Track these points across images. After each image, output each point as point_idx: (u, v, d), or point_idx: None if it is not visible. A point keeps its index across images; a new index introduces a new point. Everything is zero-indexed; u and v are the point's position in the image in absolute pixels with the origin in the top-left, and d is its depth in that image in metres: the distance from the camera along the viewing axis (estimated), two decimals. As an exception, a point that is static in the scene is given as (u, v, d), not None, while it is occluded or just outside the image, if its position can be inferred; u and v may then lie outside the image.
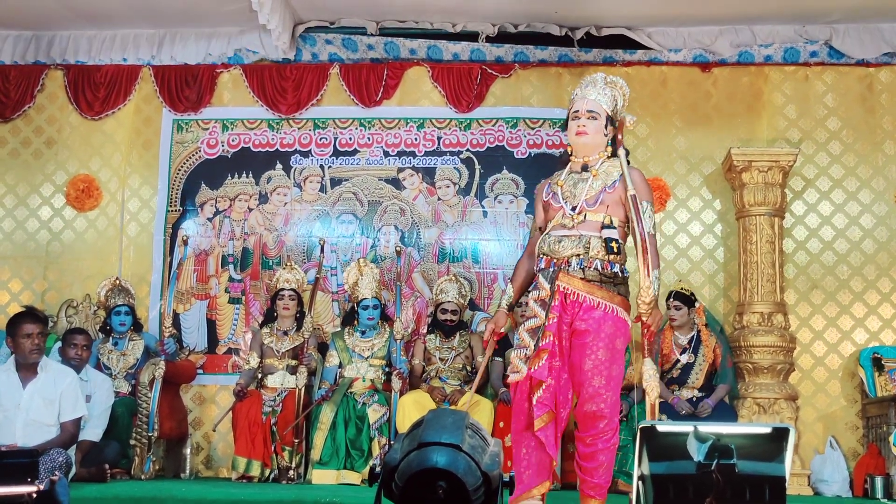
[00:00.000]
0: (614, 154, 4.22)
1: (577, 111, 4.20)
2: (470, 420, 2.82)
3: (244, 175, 7.37)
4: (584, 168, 4.21)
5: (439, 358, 6.53)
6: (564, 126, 4.37)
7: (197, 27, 7.48)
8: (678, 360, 6.34)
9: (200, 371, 7.05)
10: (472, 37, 7.40)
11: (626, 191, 4.05)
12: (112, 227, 7.40)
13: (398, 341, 6.47)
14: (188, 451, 6.77)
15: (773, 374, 6.47)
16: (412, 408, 6.06)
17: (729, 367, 6.41)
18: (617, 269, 4.09)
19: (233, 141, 7.41)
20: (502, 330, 4.39)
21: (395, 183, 7.30)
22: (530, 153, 7.25)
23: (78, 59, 7.62)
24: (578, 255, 4.06)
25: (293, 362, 6.50)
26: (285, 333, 6.59)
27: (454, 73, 7.32)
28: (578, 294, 4.06)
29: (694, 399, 6.25)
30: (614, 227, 4.11)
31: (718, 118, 7.26)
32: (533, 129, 7.28)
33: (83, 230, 7.43)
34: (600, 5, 6.97)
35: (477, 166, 7.24)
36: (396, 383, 6.28)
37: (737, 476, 2.63)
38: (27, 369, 5.23)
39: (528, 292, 4.27)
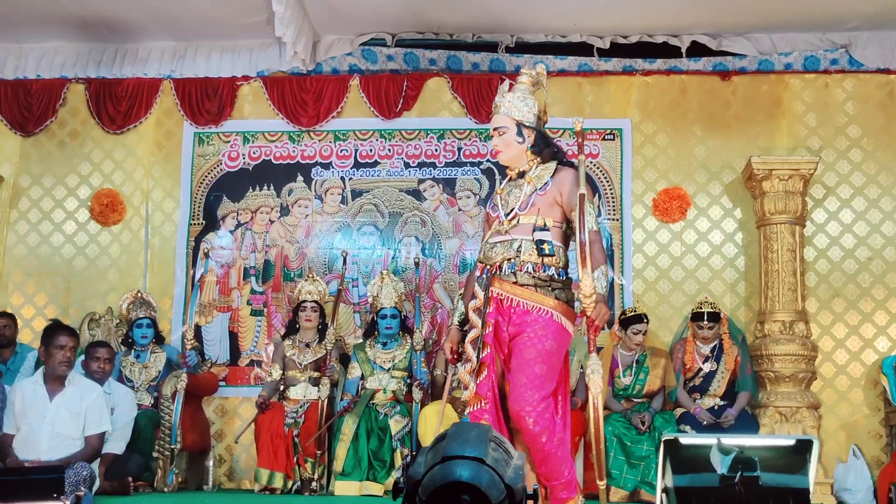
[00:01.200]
0: (553, 156, 4.20)
1: (491, 132, 4.25)
2: (493, 433, 2.83)
3: (265, 187, 7.41)
4: (521, 175, 4.19)
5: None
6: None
7: (217, 40, 7.54)
8: (700, 369, 6.34)
9: (223, 383, 7.08)
10: (491, 47, 7.43)
11: (562, 193, 4.02)
12: (136, 240, 7.45)
13: (419, 352, 6.49)
14: (211, 463, 6.79)
15: (795, 382, 6.43)
16: (434, 418, 6.05)
17: (749, 374, 6.41)
18: (552, 271, 4.02)
19: (254, 153, 7.45)
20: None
21: (416, 194, 7.32)
22: (575, 174, 7.26)
23: (99, 73, 7.69)
24: (510, 258, 4.01)
25: (315, 374, 6.53)
26: (307, 345, 6.61)
27: (474, 84, 7.34)
28: (512, 299, 3.99)
29: (716, 408, 6.25)
30: (547, 229, 4.05)
31: (738, 126, 7.24)
32: (553, 138, 7.25)
33: (107, 244, 7.49)
34: (620, 15, 6.97)
35: (497, 176, 7.24)
36: (418, 394, 6.30)
37: (760, 488, 2.63)
38: (54, 382, 5.30)
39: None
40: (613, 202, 7.19)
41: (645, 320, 6.33)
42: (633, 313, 6.39)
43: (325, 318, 6.69)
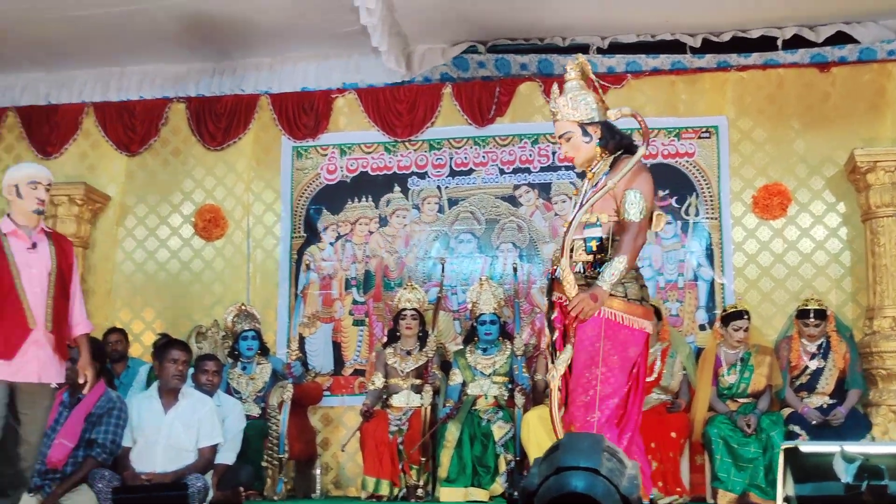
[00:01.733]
0: (618, 147, 4.07)
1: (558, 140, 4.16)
2: (607, 443, 2.82)
3: (364, 199, 7.50)
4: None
5: (561, 374, 6.49)
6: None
7: (313, 54, 7.65)
8: (807, 367, 6.18)
9: (327, 392, 7.19)
10: (583, 49, 7.38)
11: (616, 186, 3.89)
12: (238, 254, 7.64)
13: (519, 357, 6.48)
14: (318, 471, 6.91)
15: (908, 380, 6.22)
16: (537, 424, 6.04)
17: (859, 371, 6.22)
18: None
19: (351, 165, 7.56)
20: None
21: (512, 200, 7.31)
22: (646, 164, 7.16)
23: (198, 91, 7.91)
24: (570, 260, 3.91)
25: (418, 381, 6.57)
26: (409, 353, 6.66)
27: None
28: (567, 301, 3.87)
29: (824, 406, 6.08)
30: (598, 226, 3.95)
31: (839, 119, 7.02)
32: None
33: (211, 259, 7.69)
34: (713, 11, 6.85)
35: (594, 180, 7.19)
36: (520, 400, 6.29)
37: (889, 498, 2.55)
38: (169, 396, 5.47)
39: None
40: (711, 201, 7.06)
41: (745, 316, 6.20)
42: (733, 310, 6.29)
43: (425, 325, 6.73)
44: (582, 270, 3.92)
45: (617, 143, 4.07)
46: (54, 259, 4.57)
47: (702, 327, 6.94)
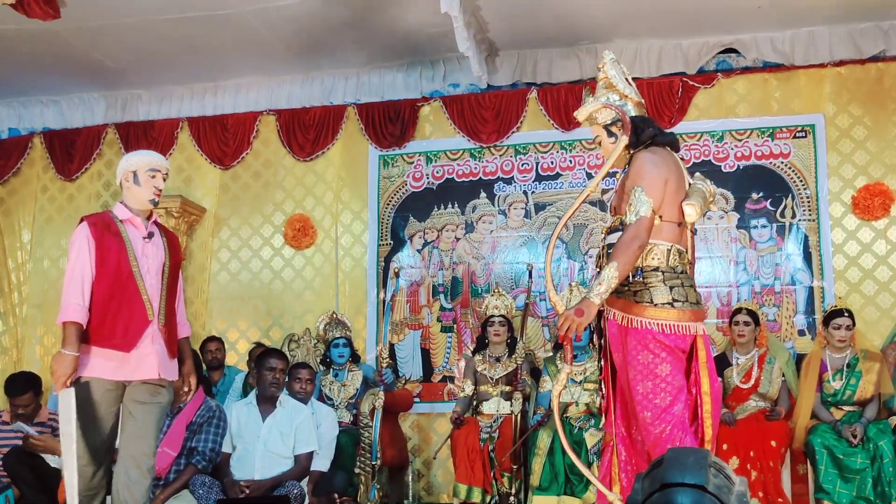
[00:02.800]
0: (638, 142, 3.87)
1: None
2: (713, 458, 2.73)
3: (450, 205, 7.52)
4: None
5: (653, 380, 6.38)
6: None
7: (398, 63, 7.70)
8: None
9: (417, 399, 7.21)
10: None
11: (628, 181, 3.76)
12: (328, 263, 7.73)
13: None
14: (410, 478, 6.93)
15: None
16: (629, 432, 5.95)
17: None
18: (636, 273, 3.73)
19: (437, 172, 7.58)
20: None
21: (600, 204, 7.23)
22: (739, 166, 7.01)
23: (289, 104, 8.03)
24: (598, 269, 3.83)
25: (507, 388, 6.53)
26: (497, 360, 6.63)
27: (654, 88, 7.17)
28: (605, 310, 3.82)
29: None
30: (620, 230, 3.78)
31: (945, 113, 6.76)
32: (740, 140, 7.03)
33: (301, 267, 7.81)
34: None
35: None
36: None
37: None
38: (266, 403, 5.55)
39: None
40: (808, 202, 6.85)
41: (846, 314, 5.98)
42: (833, 309, 6.09)
43: (513, 332, 6.69)
44: None
45: (635, 140, 3.87)
46: (167, 252, 4.42)
47: (801, 332, 6.74)
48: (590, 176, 7.27)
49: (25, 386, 5.97)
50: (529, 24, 7.01)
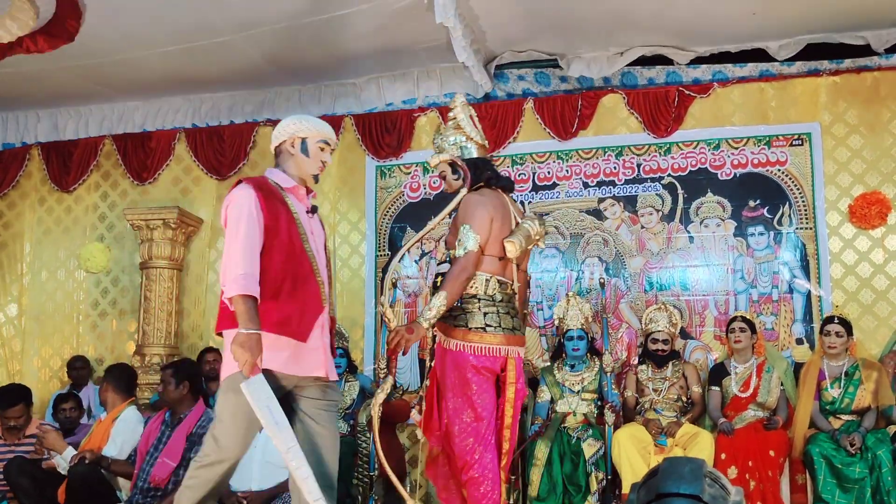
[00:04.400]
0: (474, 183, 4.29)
1: None
2: (708, 468, 2.72)
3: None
4: None
5: (653, 389, 6.37)
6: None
7: (394, 74, 7.71)
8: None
9: (415, 410, 7.19)
10: (667, 60, 7.26)
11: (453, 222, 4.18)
12: (325, 274, 7.72)
13: (609, 374, 6.38)
14: (407, 489, 6.90)
15: None
16: (628, 441, 5.94)
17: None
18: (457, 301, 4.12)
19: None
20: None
21: (597, 213, 7.23)
22: (735, 174, 7.01)
23: (285, 114, 8.03)
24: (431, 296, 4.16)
25: (505, 399, 6.52)
26: (493, 371, 6.61)
27: (650, 98, 7.19)
28: (436, 334, 4.24)
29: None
30: (447, 262, 4.21)
31: (942, 122, 6.77)
32: (736, 148, 7.03)
33: (297, 277, 7.79)
34: (803, 15, 6.65)
35: (680, 191, 7.06)
36: (610, 417, 6.18)
37: None
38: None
39: None
40: (805, 210, 6.85)
41: (836, 321, 6.00)
42: (826, 316, 6.12)
43: (511, 342, 6.68)
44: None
45: (475, 177, 4.28)
46: (325, 232, 4.04)
47: (799, 341, 6.72)
48: (586, 185, 7.28)
49: (16, 398, 5.98)
50: (525, 34, 7.02)
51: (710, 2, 6.47)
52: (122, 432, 5.75)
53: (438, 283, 4.16)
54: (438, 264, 4.32)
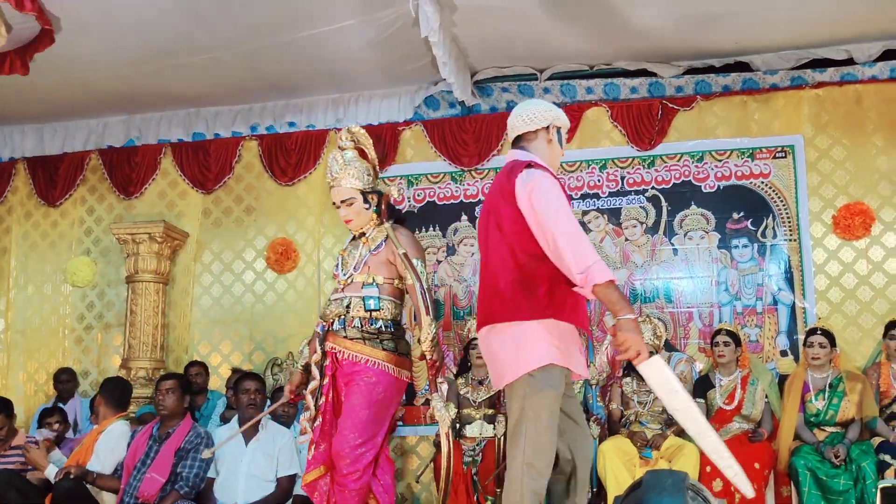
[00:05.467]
0: (390, 215, 4.51)
1: (335, 203, 4.48)
2: (690, 481, 2.74)
3: (431, 228, 7.53)
4: (362, 235, 4.52)
5: (638, 401, 6.37)
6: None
7: (379, 88, 7.73)
8: (900, 395, 5.95)
9: (400, 423, 7.19)
10: (650, 73, 7.30)
11: (394, 254, 4.35)
12: (310, 287, 7.72)
13: (593, 386, 6.39)
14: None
15: None
16: (613, 454, 5.94)
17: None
18: (380, 324, 4.35)
19: (418, 196, 7.60)
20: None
21: (581, 226, 7.23)
22: (719, 186, 7.04)
23: (270, 128, 8.05)
24: (340, 315, 4.37)
25: (490, 411, 6.51)
26: (480, 383, 6.61)
27: (634, 111, 7.23)
28: (344, 352, 4.33)
29: (919, 435, 5.82)
30: (375, 286, 4.37)
31: (924, 133, 6.82)
32: (720, 160, 7.07)
33: (283, 291, 7.80)
34: (782, 30, 6.70)
35: (664, 204, 7.10)
36: (595, 429, 6.18)
37: None
38: (249, 428, 5.53)
39: None
40: (789, 222, 6.89)
41: (819, 332, 6.03)
42: (809, 328, 6.17)
43: (497, 355, 6.68)
44: (360, 325, 4.34)
45: (388, 213, 4.51)
46: None
47: (783, 353, 6.75)
48: (570, 198, 7.29)
49: None
50: (509, 50, 7.05)
51: (693, 29, 6.54)
52: (106, 446, 5.72)
53: (351, 304, 4.36)
54: (367, 286, 4.44)
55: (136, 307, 7.65)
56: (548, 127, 3.84)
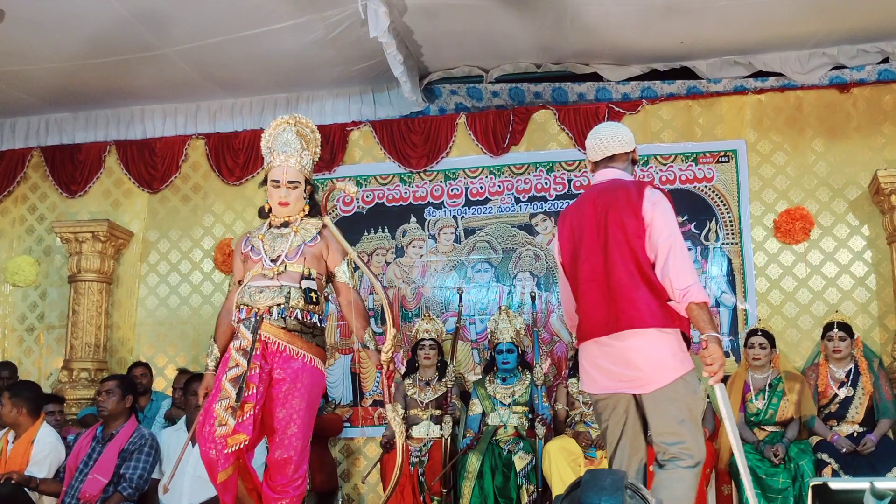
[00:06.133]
0: (318, 211, 4.49)
1: (277, 181, 4.36)
2: (629, 479, 2.78)
3: (380, 230, 7.53)
4: (285, 224, 4.44)
5: (583, 402, 6.43)
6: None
7: (328, 88, 7.71)
8: (836, 395, 6.07)
9: (347, 424, 7.17)
10: (597, 76, 7.38)
11: (328, 249, 4.40)
12: (258, 287, 7.66)
13: (539, 387, 6.43)
14: (339, 502, 6.88)
15: (940, 405, 6.10)
16: (558, 454, 5.99)
17: (889, 400, 6.06)
18: (316, 318, 4.36)
19: (367, 197, 7.58)
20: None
21: (528, 229, 7.30)
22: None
23: (217, 127, 7.98)
24: (279, 304, 4.25)
25: (437, 412, 6.53)
26: (427, 384, 6.63)
27: (581, 114, 7.30)
28: (279, 343, 4.24)
29: (854, 434, 5.95)
30: (313, 279, 4.35)
31: (861, 140, 6.97)
32: (665, 164, 7.17)
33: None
34: (729, 36, 6.81)
35: (610, 206, 7.17)
36: (540, 430, 6.23)
37: (919, 533, 2.49)
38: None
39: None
40: (731, 226, 7.01)
41: (759, 333, 6.16)
42: (750, 329, 6.28)
43: (443, 356, 6.71)
44: (300, 317, 4.29)
45: (317, 208, 4.51)
46: None
47: (725, 354, 6.82)
48: (518, 201, 7.35)
49: None
50: (459, 51, 7.08)
51: (638, 29, 6.62)
52: (43, 451, 5.64)
53: (290, 293, 4.28)
54: (306, 278, 4.40)
55: (79, 307, 7.54)
56: (634, 150, 4.15)
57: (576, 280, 3.99)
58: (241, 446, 4.11)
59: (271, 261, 4.35)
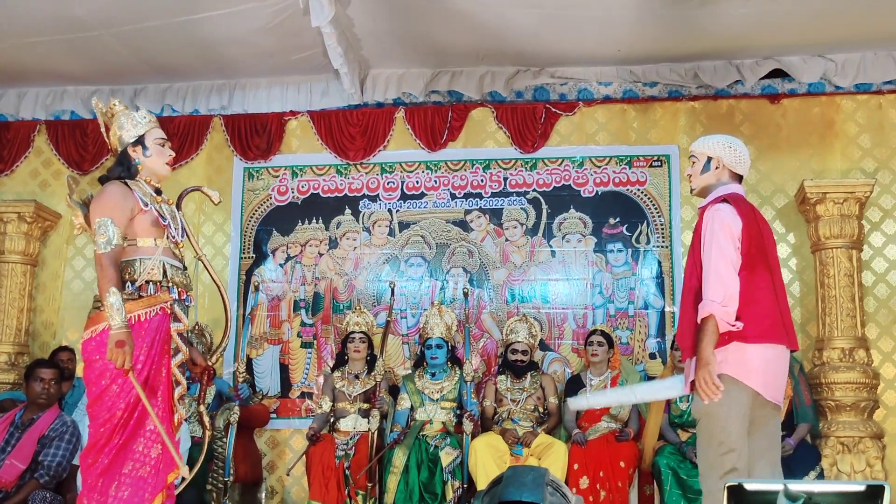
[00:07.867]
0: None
1: (165, 137, 4.38)
2: (550, 476, 2.80)
3: (314, 221, 7.47)
4: (158, 192, 4.31)
5: (511, 399, 6.48)
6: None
7: (267, 76, 7.61)
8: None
9: (274, 415, 7.11)
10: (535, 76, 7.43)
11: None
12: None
13: (468, 383, 6.45)
14: (263, 494, 6.82)
15: (857, 411, 6.27)
16: (484, 450, 6.03)
17: (808, 404, 6.22)
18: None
19: (302, 187, 7.52)
20: None
21: (463, 225, 7.32)
22: (597, 191, 7.22)
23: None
24: (189, 288, 4.32)
25: (365, 406, 6.51)
26: (356, 377, 6.60)
27: (518, 113, 7.34)
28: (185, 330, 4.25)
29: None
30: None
31: (790, 150, 7.13)
32: (599, 166, 7.25)
33: (160, 278, 7.59)
34: (665, 41, 6.91)
35: (544, 206, 7.23)
36: (468, 426, 6.25)
37: (831, 536, 2.55)
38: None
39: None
40: (662, 229, 7.12)
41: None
42: None
43: (373, 349, 6.69)
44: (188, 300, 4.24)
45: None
46: None
47: (652, 356, 6.96)
48: (454, 197, 7.36)
49: None
50: (400, 45, 7.05)
51: (577, 34, 6.68)
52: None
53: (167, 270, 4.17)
54: (181, 252, 4.33)
55: (2, 289, 7.35)
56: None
57: (767, 278, 3.91)
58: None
59: (176, 234, 4.26)
